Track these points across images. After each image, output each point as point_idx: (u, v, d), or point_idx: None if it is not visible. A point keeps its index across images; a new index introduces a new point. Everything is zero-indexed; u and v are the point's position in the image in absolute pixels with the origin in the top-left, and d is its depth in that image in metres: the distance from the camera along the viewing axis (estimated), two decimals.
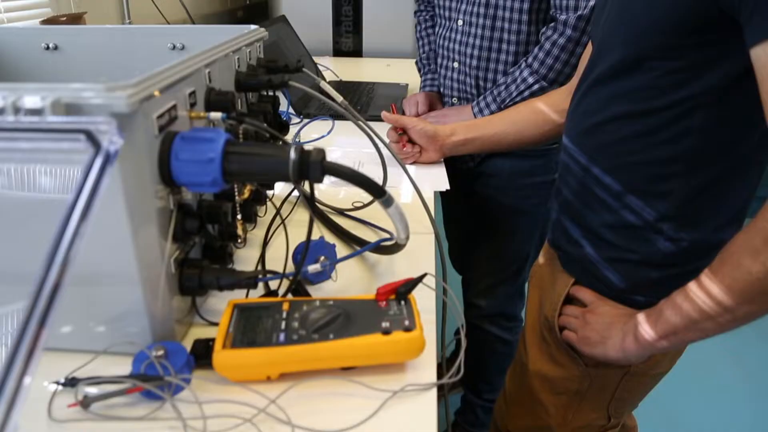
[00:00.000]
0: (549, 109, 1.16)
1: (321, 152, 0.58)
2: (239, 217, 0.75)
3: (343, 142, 1.39)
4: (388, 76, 2.14)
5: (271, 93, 0.95)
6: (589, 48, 1.03)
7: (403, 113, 1.58)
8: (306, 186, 0.67)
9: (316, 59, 2.36)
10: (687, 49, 0.73)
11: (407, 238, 0.70)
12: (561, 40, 1.28)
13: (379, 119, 1.53)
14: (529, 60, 1.34)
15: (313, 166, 0.57)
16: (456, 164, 1.49)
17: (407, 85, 1.90)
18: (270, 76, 0.83)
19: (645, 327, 0.77)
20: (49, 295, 0.42)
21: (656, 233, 0.83)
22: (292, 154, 0.57)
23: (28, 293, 0.40)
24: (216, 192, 0.63)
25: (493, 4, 1.36)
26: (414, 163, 1.26)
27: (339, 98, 0.93)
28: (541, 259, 1.10)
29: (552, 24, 1.31)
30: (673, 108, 0.77)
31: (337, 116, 1.56)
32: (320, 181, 0.59)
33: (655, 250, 0.83)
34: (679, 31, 0.72)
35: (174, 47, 1.01)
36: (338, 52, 2.70)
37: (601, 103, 0.85)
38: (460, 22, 1.44)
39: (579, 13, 1.26)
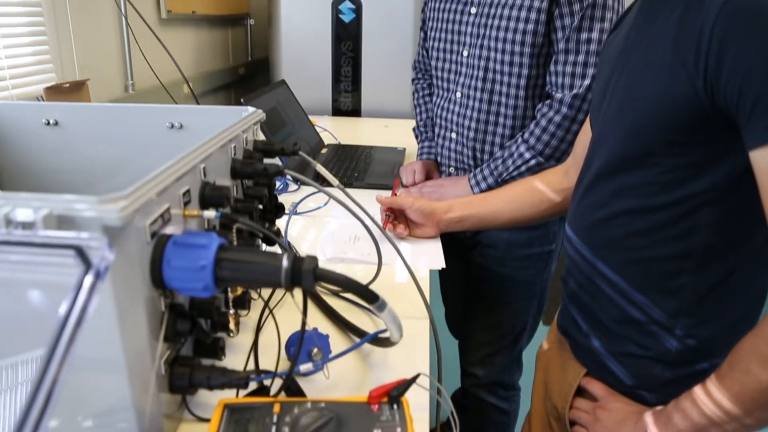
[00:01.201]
0: (546, 188, 1.16)
1: (314, 260, 0.58)
2: (231, 311, 0.74)
3: (340, 213, 1.39)
4: (386, 138, 2.16)
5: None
6: (587, 128, 1.05)
7: (401, 181, 1.59)
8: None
9: (315, 119, 2.40)
10: (690, 146, 0.74)
11: (401, 336, 0.70)
12: (557, 117, 1.30)
13: (376, 187, 1.55)
14: (526, 135, 1.35)
15: (305, 275, 0.57)
16: (453, 232, 1.49)
17: (404, 149, 1.92)
18: (266, 165, 0.83)
19: (653, 430, 0.75)
20: (38, 413, 0.42)
21: (666, 331, 0.82)
22: (285, 263, 0.57)
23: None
24: (208, 297, 0.62)
25: (491, 78, 1.39)
26: (410, 236, 1.26)
27: (335, 182, 0.93)
28: (545, 344, 1.09)
29: (548, 101, 1.33)
30: (679, 204, 0.76)
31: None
32: (312, 288, 0.58)
33: (666, 348, 0.82)
34: (680, 129, 0.73)
35: (172, 126, 1.02)
36: (337, 111, 2.74)
37: (606, 197, 0.85)
38: (458, 94, 1.46)
39: (574, 92, 1.28)
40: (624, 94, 0.82)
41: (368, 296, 0.60)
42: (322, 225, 1.31)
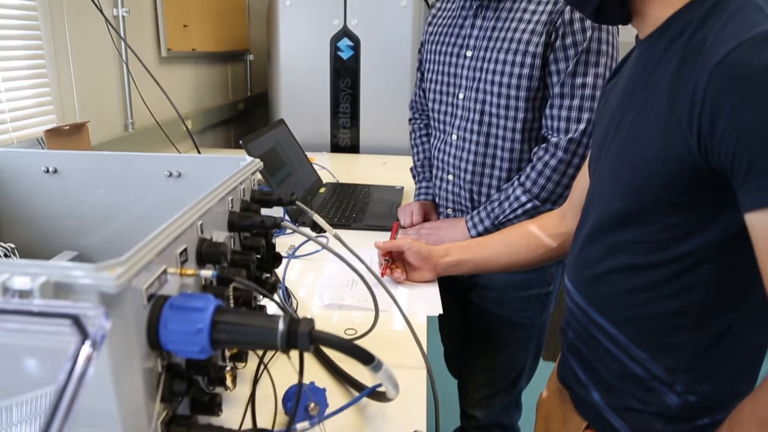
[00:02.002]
0: (542, 233, 1.17)
1: (310, 322, 0.58)
2: (228, 367, 0.74)
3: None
4: (384, 176, 2.17)
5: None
6: (584, 172, 1.05)
7: (398, 221, 1.60)
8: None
9: (313, 155, 2.41)
10: (686, 205, 0.74)
11: (398, 393, 0.69)
12: (552, 161, 1.31)
13: (374, 229, 1.55)
14: (522, 179, 1.36)
15: (301, 337, 0.57)
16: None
17: (402, 188, 1.92)
18: (263, 218, 0.83)
19: None
20: None
21: (666, 387, 0.81)
22: (281, 325, 0.57)
23: None
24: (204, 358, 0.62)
25: (487, 121, 1.40)
26: (405, 281, 1.26)
27: (331, 231, 0.93)
28: (545, 393, 1.08)
29: (544, 145, 1.34)
30: (676, 262, 0.77)
31: (332, 224, 1.58)
32: (308, 350, 0.58)
33: (667, 404, 0.82)
34: (676, 188, 0.73)
35: (171, 174, 1.03)
36: (336, 147, 2.76)
37: (603, 253, 0.85)
38: (455, 136, 1.47)
39: (570, 135, 1.30)
40: (621, 151, 0.82)
41: (364, 358, 0.60)
42: (320, 269, 1.31)
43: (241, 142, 1.55)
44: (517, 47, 1.33)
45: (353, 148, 2.76)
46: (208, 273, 0.66)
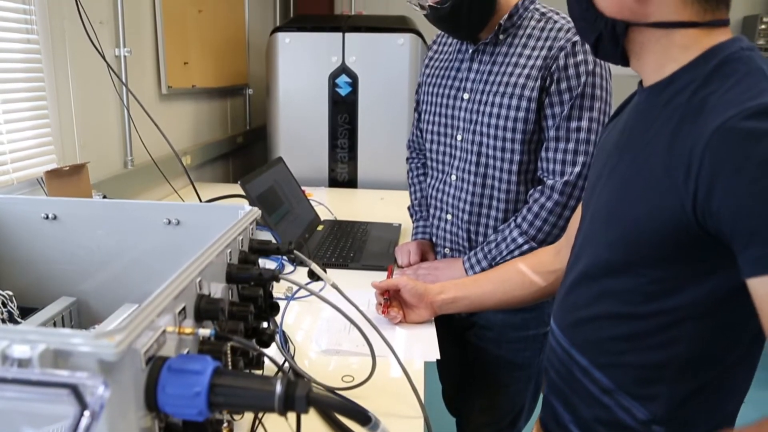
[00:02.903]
0: (537, 270, 1.18)
1: (306, 385, 0.58)
2: (225, 422, 0.74)
3: (335, 300, 1.40)
4: (382, 212, 2.18)
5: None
6: (579, 212, 1.06)
7: (393, 263, 1.61)
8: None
9: (311, 191, 2.43)
10: (676, 261, 0.75)
11: None
12: (548, 203, 1.32)
13: (371, 269, 1.56)
14: (518, 220, 1.37)
15: (298, 400, 0.57)
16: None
17: (400, 225, 1.93)
18: (260, 270, 0.84)
19: None
20: None
21: None
22: (278, 388, 0.57)
23: None
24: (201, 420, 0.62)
25: (484, 162, 1.42)
26: (403, 322, 1.26)
27: (329, 281, 0.94)
28: None
29: (540, 187, 1.35)
30: (662, 315, 0.77)
31: (329, 264, 1.59)
32: (306, 412, 0.59)
33: None
34: (667, 244, 0.74)
35: (169, 222, 1.04)
36: (333, 181, 2.77)
37: (590, 298, 0.86)
38: (453, 177, 1.49)
39: (565, 178, 1.31)
40: (612, 200, 0.83)
41: (361, 419, 0.60)
42: (317, 311, 1.31)
43: (239, 183, 1.56)
44: (513, 91, 1.35)
45: (351, 182, 2.78)
46: (206, 332, 0.67)
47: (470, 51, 1.44)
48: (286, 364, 1.04)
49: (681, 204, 0.71)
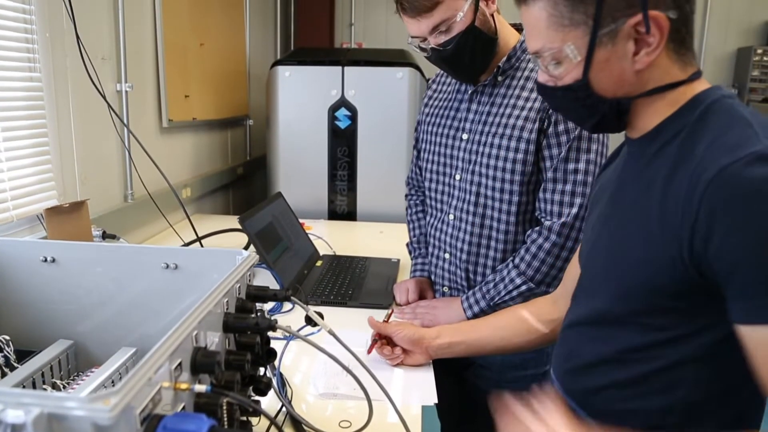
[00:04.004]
0: (534, 319, 1.17)
1: None
2: None
3: (333, 341, 1.39)
4: (380, 246, 2.18)
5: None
6: (576, 259, 1.07)
7: (394, 299, 1.60)
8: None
9: (311, 224, 2.43)
10: (674, 309, 0.75)
11: None
12: (546, 244, 1.33)
13: (369, 307, 1.56)
14: (516, 261, 1.37)
15: None
16: None
17: (398, 261, 1.93)
18: (257, 320, 0.84)
19: None
20: None
21: None
22: None
23: None
24: None
25: (482, 203, 1.42)
26: (401, 364, 1.25)
27: (326, 327, 0.94)
28: None
29: (537, 228, 1.36)
30: (662, 359, 0.78)
31: (328, 302, 1.59)
32: None
33: None
34: (665, 293, 0.75)
35: (167, 266, 1.04)
36: (333, 213, 2.78)
37: (589, 345, 0.86)
38: (451, 216, 1.49)
39: (562, 220, 1.31)
40: (610, 249, 0.84)
41: None
42: (315, 352, 1.30)
43: (238, 220, 1.57)
44: (512, 132, 1.36)
45: (350, 214, 2.79)
46: (201, 388, 0.67)
47: (469, 91, 1.45)
48: (284, 409, 1.04)
49: (679, 254, 0.72)
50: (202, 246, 1.94)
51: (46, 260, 1.07)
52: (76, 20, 1.61)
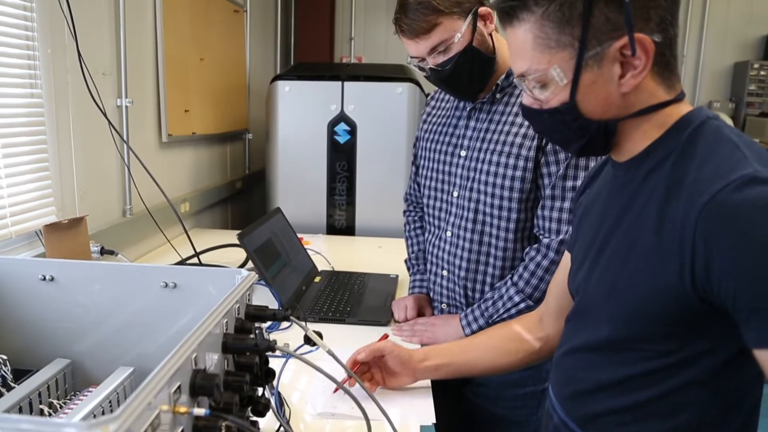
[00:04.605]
0: (521, 337, 1.17)
1: None
2: None
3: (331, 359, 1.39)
4: (379, 261, 2.18)
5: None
6: (558, 278, 1.07)
7: (392, 315, 1.60)
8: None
9: (309, 239, 2.43)
10: (676, 335, 0.76)
11: None
12: (544, 262, 1.33)
13: (367, 323, 1.56)
14: (515, 278, 1.37)
15: None
16: None
17: (397, 276, 1.93)
18: (257, 341, 0.84)
19: None
20: None
21: None
22: None
23: None
24: None
25: (480, 220, 1.42)
26: (386, 387, 1.24)
27: (325, 348, 0.94)
28: None
29: (536, 245, 1.36)
30: (665, 384, 0.78)
31: (326, 319, 1.58)
32: None
33: None
34: (668, 319, 0.75)
35: (166, 285, 1.04)
36: (331, 228, 2.78)
37: (588, 371, 0.86)
38: (449, 233, 1.50)
39: (561, 237, 1.32)
40: (607, 277, 0.84)
41: None
42: (313, 371, 1.30)
43: (237, 236, 1.57)
44: (510, 150, 1.37)
45: (349, 229, 2.79)
46: (201, 411, 0.67)
47: (468, 108, 1.46)
48: (282, 429, 1.03)
49: (679, 280, 0.72)
50: (200, 261, 1.94)
51: (44, 279, 1.07)
52: (78, 36, 1.62)
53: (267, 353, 0.85)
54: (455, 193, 1.48)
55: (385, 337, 1.28)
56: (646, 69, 0.77)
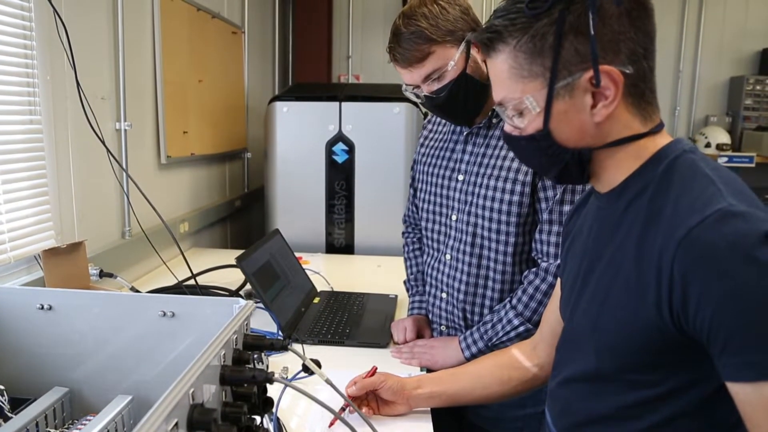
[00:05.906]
0: (514, 365, 1.17)
1: None
2: None
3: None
4: (378, 281, 2.18)
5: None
6: (552, 305, 1.08)
7: (391, 337, 1.60)
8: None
9: (308, 258, 2.44)
10: (661, 366, 0.76)
11: None
12: (543, 285, 1.33)
13: (366, 345, 1.56)
14: (514, 302, 1.38)
15: None
16: None
17: (396, 297, 1.93)
18: (254, 373, 0.84)
19: None
20: None
21: None
22: None
23: None
24: None
25: (479, 243, 1.43)
26: (380, 415, 1.23)
27: (324, 377, 0.94)
28: None
29: (534, 269, 1.37)
30: (657, 414, 0.78)
31: (325, 341, 1.58)
32: None
33: None
34: (651, 350, 0.76)
35: (164, 314, 1.04)
36: (330, 246, 2.79)
37: (581, 402, 0.86)
38: (448, 256, 1.50)
39: (558, 261, 1.32)
40: (591, 308, 0.85)
41: None
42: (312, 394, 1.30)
43: (235, 260, 1.57)
44: (507, 175, 1.37)
45: (348, 247, 2.79)
46: None
47: (464, 133, 1.47)
48: None
49: (659, 312, 0.73)
50: (197, 283, 1.94)
51: (42, 308, 1.07)
52: (76, 60, 1.62)
53: (265, 383, 0.85)
54: (453, 217, 1.48)
55: (374, 370, 1.27)
56: (617, 100, 0.79)
